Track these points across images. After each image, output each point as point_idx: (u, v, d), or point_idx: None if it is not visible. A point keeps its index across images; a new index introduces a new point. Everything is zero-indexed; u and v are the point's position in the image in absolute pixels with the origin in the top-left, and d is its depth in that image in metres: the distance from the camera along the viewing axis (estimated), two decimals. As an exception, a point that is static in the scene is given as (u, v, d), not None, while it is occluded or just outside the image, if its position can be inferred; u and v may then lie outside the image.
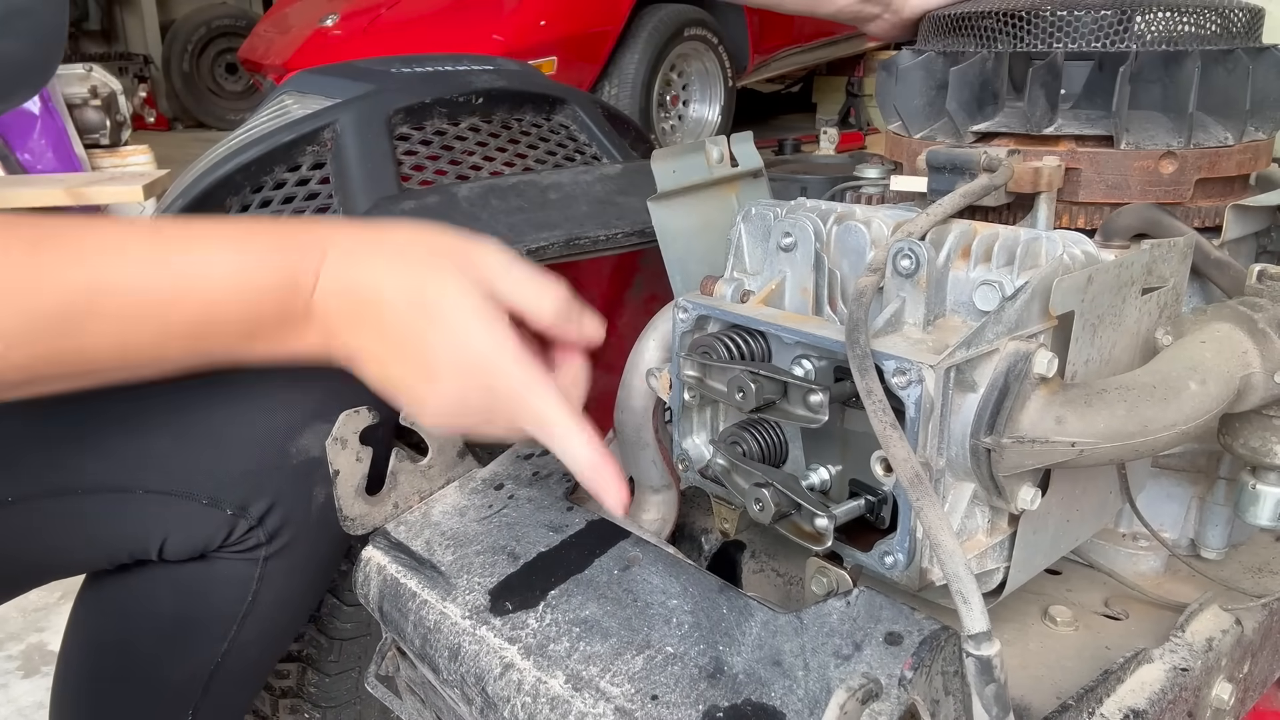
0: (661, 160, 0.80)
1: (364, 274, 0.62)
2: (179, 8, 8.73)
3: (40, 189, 2.56)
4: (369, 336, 0.63)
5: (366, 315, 0.62)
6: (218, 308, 0.59)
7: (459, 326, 0.61)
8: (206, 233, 0.60)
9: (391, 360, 0.63)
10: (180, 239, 0.59)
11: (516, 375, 0.62)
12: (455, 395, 0.63)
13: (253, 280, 0.59)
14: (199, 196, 0.96)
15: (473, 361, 0.62)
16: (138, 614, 0.80)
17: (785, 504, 0.63)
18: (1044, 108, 0.76)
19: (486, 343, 0.62)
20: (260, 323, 0.60)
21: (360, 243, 0.63)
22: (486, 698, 0.67)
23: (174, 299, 0.57)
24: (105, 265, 0.56)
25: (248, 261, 0.59)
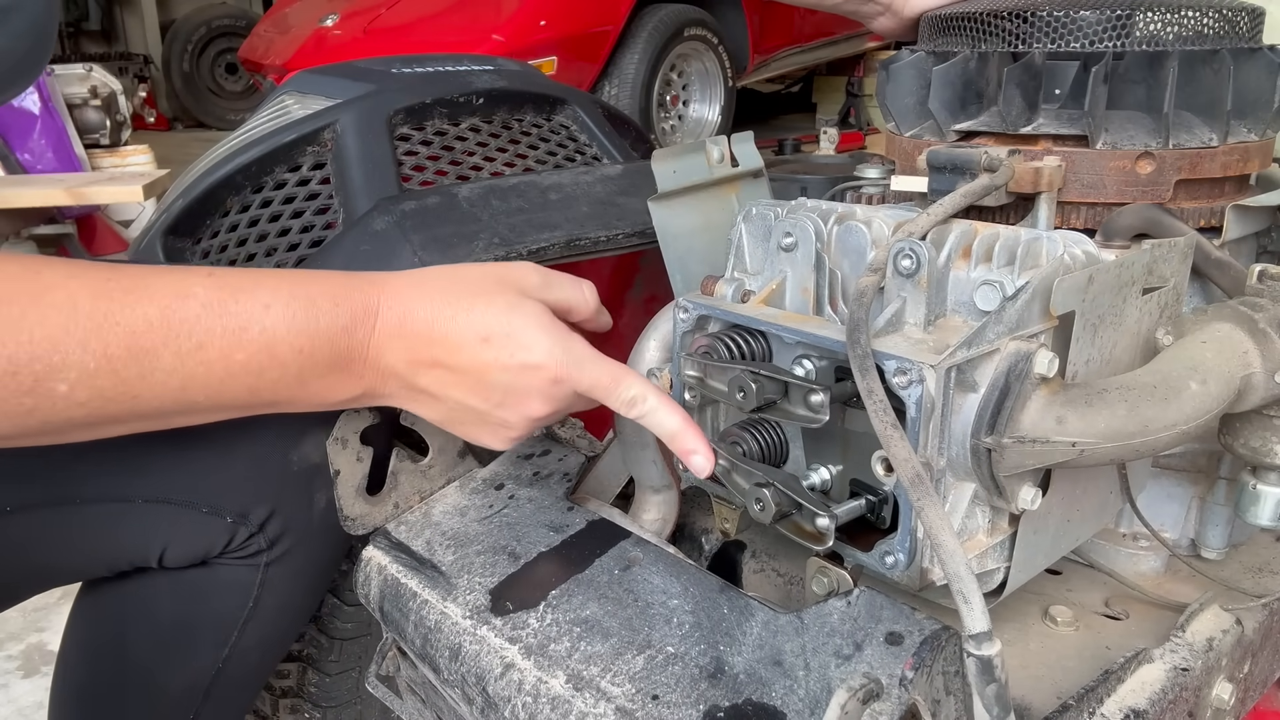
0: (662, 160, 0.80)
1: (421, 315, 0.64)
2: (179, 8, 8.73)
3: (40, 189, 2.56)
4: (434, 377, 0.65)
5: (429, 355, 0.65)
6: (276, 350, 0.60)
7: (530, 346, 0.65)
8: (265, 279, 0.62)
9: (463, 395, 0.66)
10: (240, 285, 0.60)
11: (603, 371, 0.67)
12: (535, 413, 0.67)
13: (310, 324, 0.61)
14: (199, 196, 0.96)
15: (554, 374, 0.65)
16: (137, 619, 0.80)
17: (786, 504, 0.63)
18: (1020, 107, 0.76)
19: (561, 354, 0.65)
20: (315, 366, 0.62)
21: (411, 286, 0.66)
22: (487, 698, 0.67)
23: (235, 341, 0.59)
24: (171, 308, 0.57)
25: (305, 306, 0.61)
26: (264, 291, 0.61)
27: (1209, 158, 0.76)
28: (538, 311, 0.66)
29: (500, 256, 0.86)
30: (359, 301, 0.63)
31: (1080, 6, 0.75)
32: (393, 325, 0.64)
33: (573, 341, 0.67)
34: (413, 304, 0.64)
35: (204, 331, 0.58)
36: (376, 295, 0.64)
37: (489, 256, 0.86)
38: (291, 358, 0.61)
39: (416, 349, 0.64)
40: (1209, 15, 0.75)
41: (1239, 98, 0.75)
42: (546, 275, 0.70)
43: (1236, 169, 0.77)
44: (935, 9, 0.88)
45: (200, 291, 0.59)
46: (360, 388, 0.65)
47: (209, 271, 0.61)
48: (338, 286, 0.63)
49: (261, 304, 0.60)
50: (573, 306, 0.71)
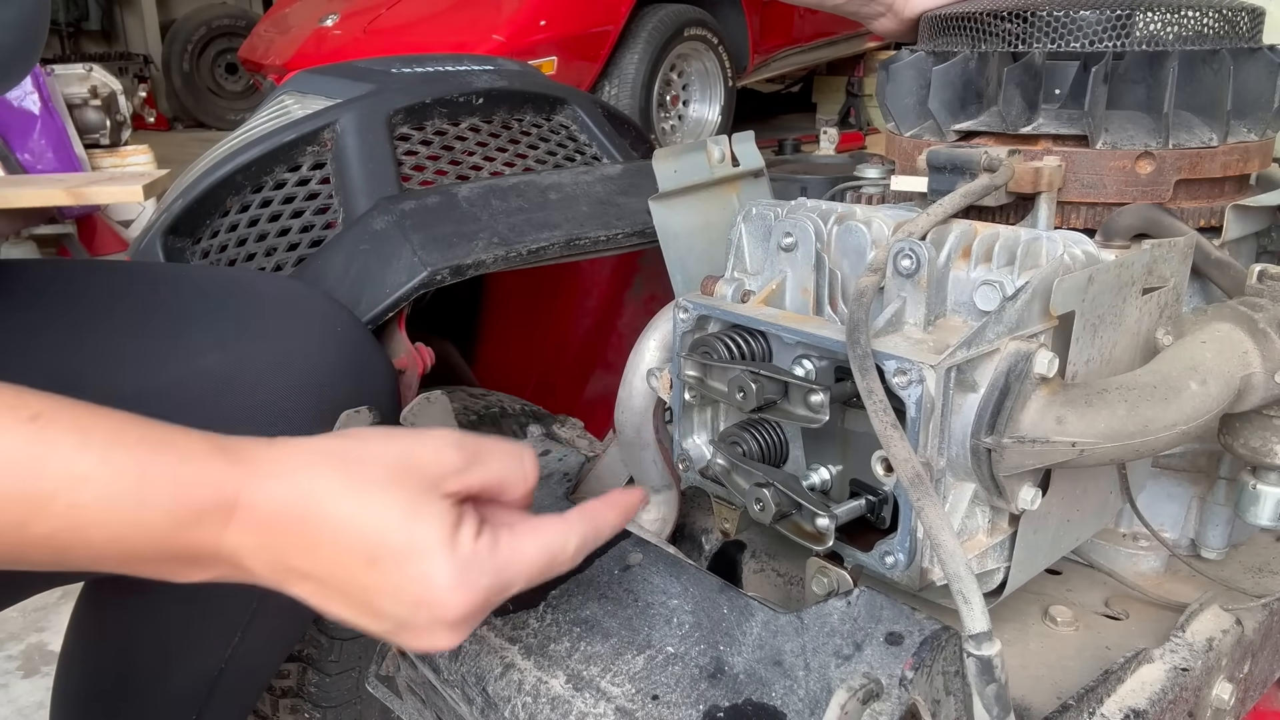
0: (662, 160, 0.80)
1: (291, 515, 0.52)
2: (179, 8, 8.73)
3: (40, 189, 2.56)
4: (308, 590, 0.54)
5: (301, 566, 0.53)
6: (87, 533, 0.49)
7: (426, 577, 0.52)
8: (96, 437, 0.50)
9: (348, 615, 0.55)
10: (60, 441, 0.49)
11: (533, 568, 0.56)
12: (440, 645, 0.55)
13: (134, 514, 0.49)
14: (199, 196, 0.96)
15: (458, 613, 0.53)
16: (140, 618, 0.80)
17: (786, 504, 0.63)
18: (1020, 107, 0.76)
19: (468, 584, 0.53)
20: (139, 558, 0.51)
21: (287, 471, 0.53)
22: (487, 697, 0.67)
23: (35, 512, 0.48)
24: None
25: (133, 491, 0.49)
26: (87, 457, 0.49)
27: (1209, 158, 0.76)
28: (443, 525, 0.53)
29: (500, 255, 0.86)
30: (208, 493, 0.50)
31: (1080, 6, 0.75)
32: (252, 527, 0.51)
33: (484, 556, 0.54)
34: (281, 500, 0.51)
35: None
36: (235, 484, 0.51)
37: (489, 255, 0.86)
38: (107, 545, 0.50)
39: (284, 558, 0.52)
40: (1209, 15, 0.75)
41: (1239, 98, 0.75)
42: (473, 451, 0.56)
43: (1236, 169, 0.77)
44: (935, 9, 0.88)
45: (7, 442, 0.47)
46: (213, 575, 0.54)
47: (35, 413, 0.49)
48: (184, 469, 0.50)
49: (78, 474, 0.48)
50: (506, 486, 0.57)
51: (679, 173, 0.81)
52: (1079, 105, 0.75)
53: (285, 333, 0.73)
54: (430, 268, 0.83)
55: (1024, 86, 0.76)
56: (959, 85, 0.80)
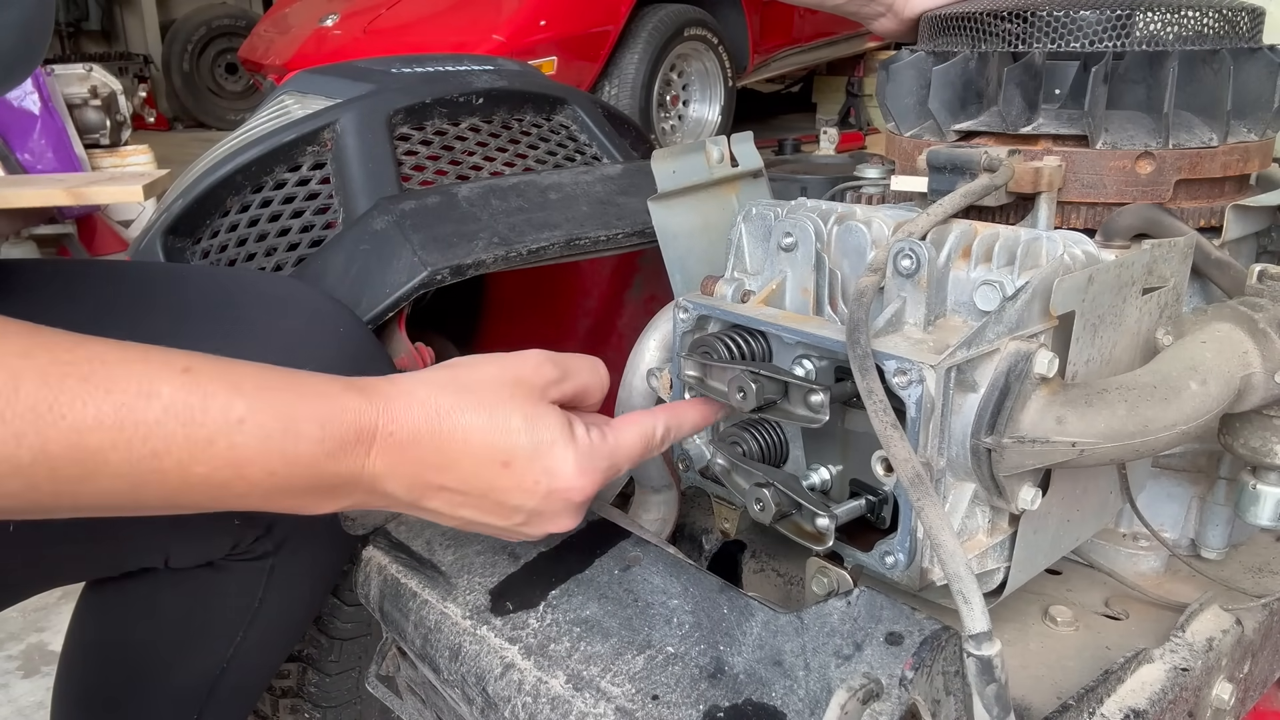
0: (662, 160, 0.80)
1: (427, 437, 0.58)
2: (179, 8, 8.73)
3: (40, 189, 2.56)
4: (443, 500, 0.60)
5: (438, 481, 0.59)
6: (245, 470, 0.53)
7: (555, 470, 0.60)
8: (246, 383, 0.54)
9: (479, 515, 0.62)
10: (214, 389, 0.53)
11: (634, 451, 0.64)
12: (563, 528, 0.64)
13: (288, 449, 0.54)
14: (199, 196, 0.96)
15: (586, 494, 0.62)
16: (142, 618, 0.80)
17: (786, 504, 0.63)
18: (1020, 107, 0.76)
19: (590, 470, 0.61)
20: (290, 489, 0.56)
21: (414, 401, 0.58)
22: (487, 698, 0.67)
23: (198, 454, 0.52)
24: (129, 406, 0.50)
25: (284, 429, 0.54)
26: (241, 402, 0.53)
27: (1209, 158, 0.76)
28: (560, 424, 0.61)
29: (500, 255, 0.86)
30: (350, 425, 0.56)
31: (1080, 6, 0.75)
32: (393, 451, 0.57)
33: (598, 444, 0.62)
34: (417, 424, 0.58)
35: (162, 438, 0.51)
36: (373, 416, 0.56)
37: (489, 255, 0.85)
38: (262, 479, 0.54)
39: (423, 475, 0.58)
40: (1209, 15, 0.75)
41: (1239, 98, 0.75)
42: (562, 364, 0.64)
43: (1236, 169, 0.77)
44: (935, 9, 0.88)
45: (166, 391, 0.51)
46: (351, 502, 0.59)
47: (185, 365, 0.53)
48: (327, 405, 0.55)
49: (235, 417, 0.52)
50: (589, 392, 0.66)
51: (678, 173, 0.81)
52: (1079, 105, 0.75)
53: (286, 332, 0.73)
54: (430, 268, 0.83)
55: (1024, 86, 0.76)
56: (959, 85, 0.80)
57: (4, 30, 0.63)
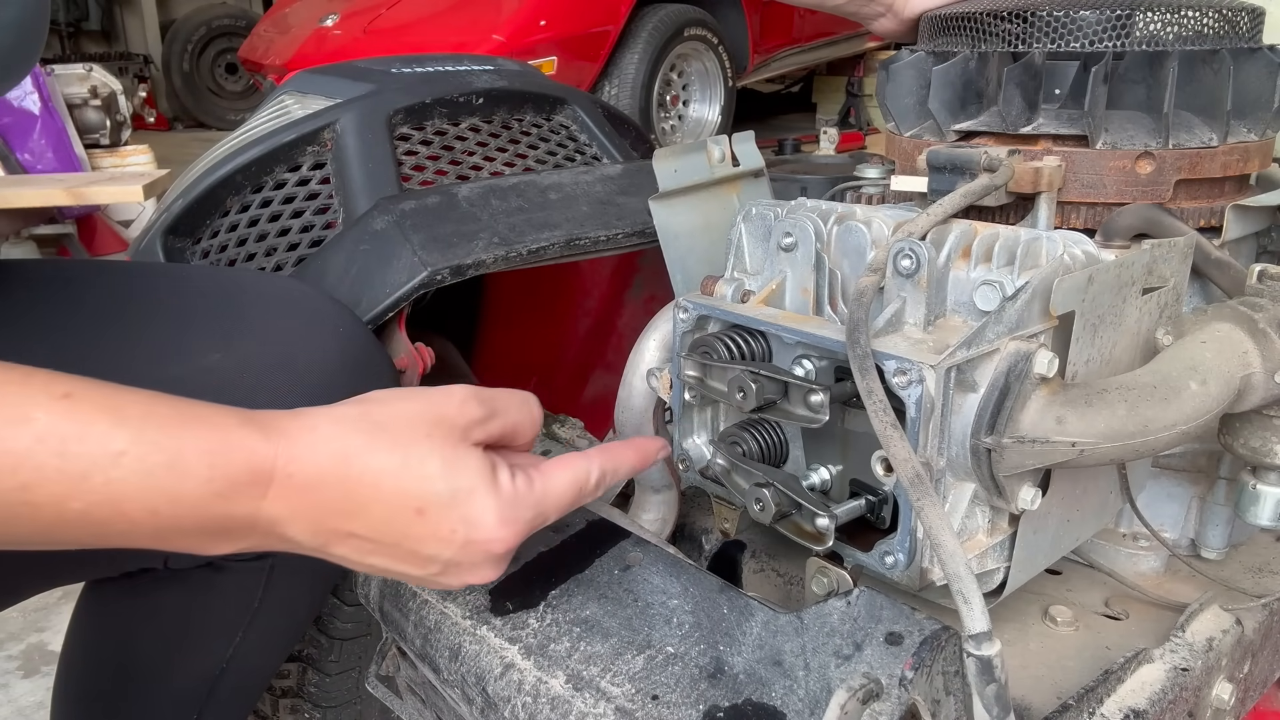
0: (663, 160, 0.80)
1: (332, 480, 0.53)
2: (179, 8, 8.73)
3: (40, 189, 2.56)
4: (351, 547, 0.56)
5: (345, 528, 0.55)
6: (124, 507, 0.49)
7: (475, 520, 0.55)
8: (131, 412, 0.50)
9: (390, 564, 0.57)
10: (93, 419, 0.49)
11: (564, 500, 0.60)
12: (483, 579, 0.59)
13: (170, 488, 0.50)
14: (199, 196, 0.96)
15: (508, 545, 0.57)
16: (142, 618, 0.80)
17: (785, 504, 0.63)
18: (1020, 107, 0.76)
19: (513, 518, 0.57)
20: (176, 531, 0.51)
21: (321, 440, 0.54)
22: (487, 698, 0.67)
23: (71, 489, 0.48)
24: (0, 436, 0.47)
25: (167, 465, 0.49)
26: (122, 433, 0.49)
27: (1209, 158, 0.76)
28: (481, 469, 0.56)
29: (500, 255, 0.86)
30: (243, 464, 0.51)
31: (1080, 6, 0.75)
32: (293, 494, 0.52)
33: (523, 492, 0.57)
34: (321, 465, 0.53)
35: (33, 469, 0.47)
36: (271, 454, 0.52)
37: (489, 255, 0.85)
38: (144, 518, 0.50)
39: (327, 521, 0.54)
40: (1209, 15, 0.75)
41: (1239, 98, 0.75)
42: (489, 402, 0.59)
43: (1236, 169, 0.77)
44: (935, 9, 0.88)
45: (41, 418, 0.47)
46: (248, 544, 0.54)
47: (66, 391, 0.49)
48: (219, 440, 0.51)
49: (114, 450, 0.48)
50: (519, 431, 0.61)
51: (679, 173, 0.81)
52: (1079, 105, 0.75)
53: (286, 333, 0.73)
54: (430, 268, 0.83)
55: (1024, 86, 0.76)
56: (959, 85, 0.80)
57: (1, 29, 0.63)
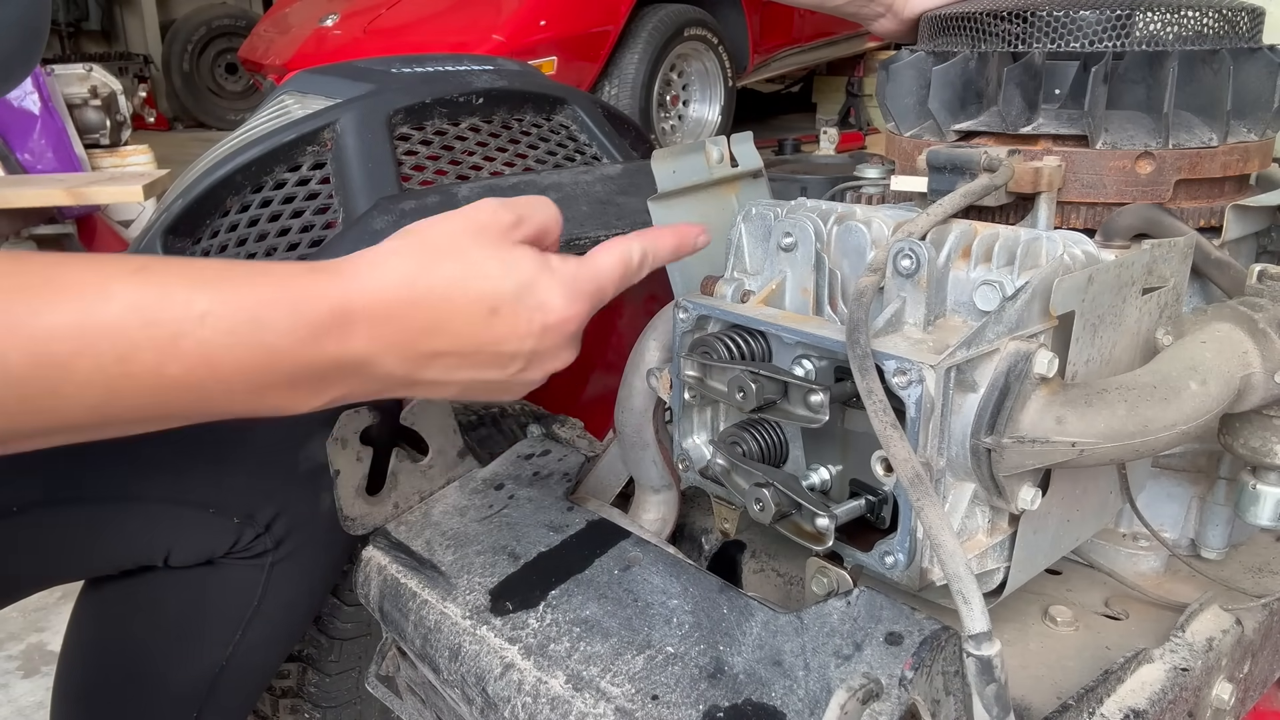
0: (662, 160, 0.80)
1: (407, 304, 0.55)
2: (179, 8, 8.73)
3: (40, 189, 2.56)
4: (440, 366, 0.57)
5: (430, 347, 0.56)
6: (218, 366, 0.50)
7: (544, 305, 0.57)
8: (207, 276, 0.51)
9: (478, 373, 0.58)
10: (171, 285, 0.50)
11: (613, 273, 0.61)
12: (565, 363, 0.61)
13: (257, 339, 0.51)
14: (199, 196, 0.96)
15: (580, 320, 0.59)
16: (142, 617, 0.80)
17: (785, 504, 0.63)
18: (1020, 107, 0.76)
19: (577, 294, 0.59)
20: (273, 382, 0.52)
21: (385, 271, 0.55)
22: (487, 698, 0.67)
23: (167, 354, 0.49)
24: (86, 311, 0.47)
25: (249, 319, 0.51)
26: (201, 296, 0.50)
27: (1209, 158, 0.76)
28: (536, 260, 0.58)
29: (500, 256, 0.86)
30: (323, 308, 0.52)
31: (1080, 6, 0.75)
32: (376, 326, 0.54)
33: (579, 271, 0.60)
34: (394, 292, 0.54)
35: (126, 341, 0.48)
36: (345, 294, 0.53)
37: (489, 256, 0.85)
38: (239, 375, 0.51)
39: (413, 344, 0.55)
40: (1209, 15, 0.75)
41: (1239, 98, 0.75)
42: (514, 208, 0.60)
43: (1236, 169, 0.77)
44: (935, 9, 0.88)
45: (121, 291, 0.48)
46: (342, 391, 0.56)
47: (139, 266, 0.50)
48: (295, 290, 0.52)
49: (196, 312, 0.49)
50: (547, 229, 0.63)
51: (678, 173, 0.81)
52: (1079, 105, 0.75)
53: None
54: (430, 268, 0.83)
55: (1024, 86, 0.76)
56: (959, 85, 0.80)
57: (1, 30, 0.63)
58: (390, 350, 0.55)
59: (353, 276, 0.54)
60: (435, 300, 0.55)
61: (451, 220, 0.58)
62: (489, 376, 0.59)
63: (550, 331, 0.58)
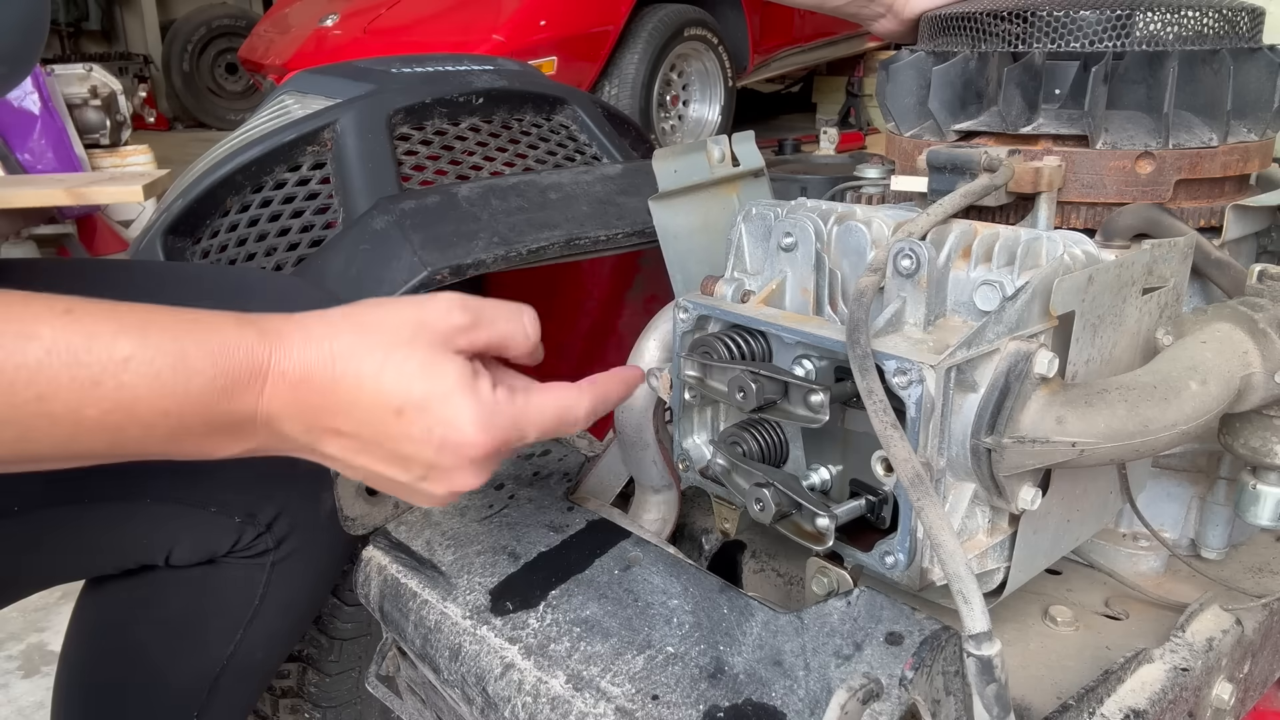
0: (663, 160, 0.80)
1: (320, 376, 0.55)
2: (179, 8, 8.74)
3: (40, 189, 2.56)
4: (340, 446, 0.57)
5: (332, 424, 0.56)
6: (136, 410, 0.51)
7: (451, 420, 0.56)
8: (130, 322, 0.52)
9: (376, 466, 0.58)
10: (97, 330, 0.51)
11: (546, 421, 0.60)
12: (464, 486, 0.59)
13: (178, 387, 0.52)
14: (199, 196, 0.96)
15: (485, 450, 0.57)
16: (142, 616, 0.80)
17: (786, 504, 0.63)
18: (1020, 107, 0.76)
19: (490, 423, 0.57)
20: (187, 430, 0.53)
21: (310, 340, 0.56)
22: (487, 698, 0.67)
23: (85, 396, 0.50)
24: (8, 350, 0.48)
25: (172, 365, 0.52)
26: (125, 341, 0.51)
27: (1209, 158, 0.76)
28: (460, 374, 0.57)
29: (500, 255, 0.86)
30: (242, 361, 0.53)
31: (1080, 6, 0.75)
32: (285, 390, 0.55)
33: (502, 403, 0.58)
34: (311, 363, 0.55)
35: (46, 381, 0.49)
36: (266, 353, 0.54)
37: (489, 255, 0.86)
38: (157, 420, 0.52)
39: (317, 417, 0.56)
40: (1209, 15, 0.75)
41: (1239, 98, 0.75)
42: (475, 311, 0.59)
43: (1236, 169, 0.77)
44: (935, 9, 0.88)
45: (46, 333, 0.49)
46: (254, 444, 0.57)
47: (67, 307, 0.51)
48: (219, 341, 0.53)
49: (120, 356, 0.50)
50: (509, 343, 0.61)
51: (679, 173, 0.81)
52: (1079, 105, 0.75)
53: None
54: (430, 267, 0.83)
55: (1024, 86, 0.76)
56: (959, 85, 0.80)
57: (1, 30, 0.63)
58: (293, 416, 0.55)
59: (279, 339, 0.55)
60: (347, 384, 0.55)
61: (401, 310, 0.58)
62: (389, 473, 0.58)
63: (448, 450, 0.57)
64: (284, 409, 0.55)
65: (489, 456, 0.58)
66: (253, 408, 0.54)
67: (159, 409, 0.52)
